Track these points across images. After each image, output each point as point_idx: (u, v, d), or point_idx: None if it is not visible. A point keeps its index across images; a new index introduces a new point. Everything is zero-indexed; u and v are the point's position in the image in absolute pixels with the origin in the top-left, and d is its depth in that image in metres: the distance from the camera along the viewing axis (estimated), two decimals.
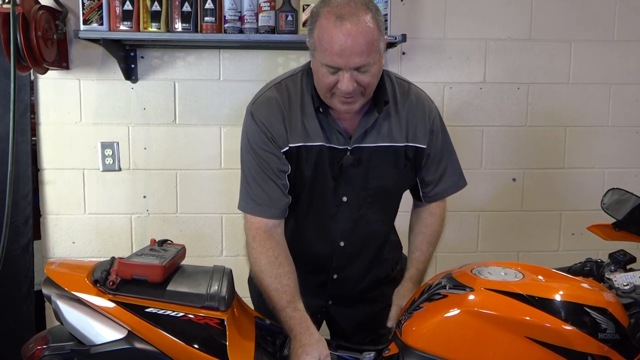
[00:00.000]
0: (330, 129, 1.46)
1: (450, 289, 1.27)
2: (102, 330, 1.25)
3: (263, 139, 1.44)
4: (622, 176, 2.61)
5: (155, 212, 2.49)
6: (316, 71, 1.39)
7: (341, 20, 1.28)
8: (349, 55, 1.29)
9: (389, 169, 1.51)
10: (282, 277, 1.40)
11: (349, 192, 1.51)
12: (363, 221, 1.55)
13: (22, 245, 2.38)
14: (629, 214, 1.44)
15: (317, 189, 1.50)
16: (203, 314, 1.27)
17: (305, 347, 1.29)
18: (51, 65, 2.24)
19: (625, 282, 1.29)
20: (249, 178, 1.48)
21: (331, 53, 1.30)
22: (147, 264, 1.29)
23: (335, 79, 1.33)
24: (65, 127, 2.41)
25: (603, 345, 1.17)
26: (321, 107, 1.44)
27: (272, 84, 1.51)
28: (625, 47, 2.56)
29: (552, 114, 2.57)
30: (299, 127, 1.45)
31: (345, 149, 1.46)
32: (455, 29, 2.49)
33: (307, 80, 1.48)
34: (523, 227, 2.63)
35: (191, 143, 2.47)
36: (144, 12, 2.20)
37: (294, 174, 1.48)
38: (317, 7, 1.36)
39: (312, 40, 1.36)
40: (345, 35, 1.27)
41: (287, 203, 1.48)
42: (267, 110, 1.46)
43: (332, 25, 1.29)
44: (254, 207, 1.46)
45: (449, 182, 1.62)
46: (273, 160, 1.44)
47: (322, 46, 1.31)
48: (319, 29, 1.32)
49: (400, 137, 1.50)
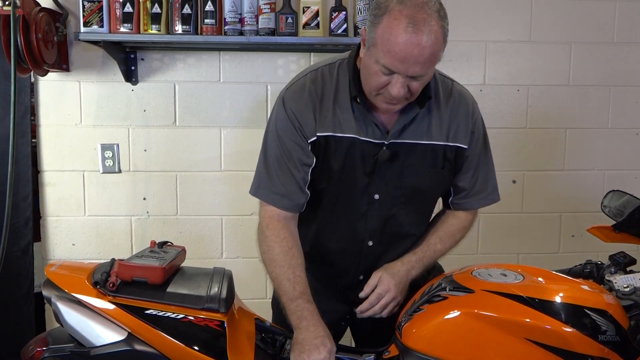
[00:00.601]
0: (366, 120, 1.40)
1: (451, 291, 1.27)
2: (102, 332, 1.25)
3: (290, 127, 1.40)
4: (622, 178, 2.61)
5: (155, 214, 2.49)
6: (368, 66, 1.30)
7: (413, 27, 1.20)
8: (410, 64, 1.23)
9: (425, 169, 1.45)
10: (295, 268, 1.37)
11: (381, 189, 1.45)
12: (393, 221, 1.49)
13: (22, 247, 2.38)
14: (629, 216, 1.44)
15: (345, 184, 1.44)
16: (203, 315, 1.27)
17: (322, 339, 1.26)
18: (51, 67, 2.24)
19: (626, 284, 1.29)
20: (268, 164, 1.44)
21: (393, 57, 1.23)
22: (147, 265, 1.29)
23: (387, 80, 1.27)
24: (66, 129, 2.42)
25: (603, 347, 1.17)
26: (358, 97, 1.38)
27: (308, 70, 1.47)
28: (625, 49, 2.56)
29: (552, 116, 2.57)
30: (330, 116, 1.40)
31: (381, 143, 1.40)
32: (455, 31, 2.45)
33: (345, 69, 1.42)
34: (523, 229, 2.63)
35: (191, 145, 2.47)
36: (144, 14, 2.20)
37: (321, 165, 1.43)
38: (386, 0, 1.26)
39: (373, 35, 1.26)
40: (414, 45, 1.20)
41: (304, 198, 1.44)
42: (298, 98, 1.41)
43: (402, 30, 1.20)
44: (268, 195, 1.44)
45: (482, 193, 1.54)
46: (297, 150, 1.41)
47: (385, 46, 1.23)
48: (385, 27, 1.23)
49: (439, 136, 1.43)
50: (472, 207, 1.58)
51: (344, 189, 1.46)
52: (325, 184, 1.46)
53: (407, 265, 1.46)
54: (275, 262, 1.39)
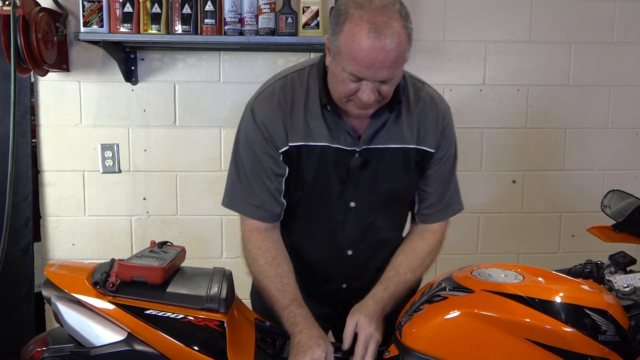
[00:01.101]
0: (337, 128, 1.38)
1: (451, 291, 1.27)
2: (102, 332, 1.25)
3: (260, 138, 1.38)
4: (622, 178, 2.61)
5: (155, 214, 2.49)
6: (336, 75, 1.28)
7: (375, 32, 1.18)
8: (377, 69, 1.21)
9: (398, 172, 1.43)
10: (282, 276, 1.37)
11: (357, 196, 1.43)
12: (372, 228, 1.48)
13: (22, 247, 2.38)
14: (629, 216, 1.44)
15: (320, 193, 1.43)
16: (203, 315, 1.27)
17: (316, 339, 1.26)
18: (51, 67, 2.24)
19: (626, 284, 1.29)
20: (240, 175, 1.42)
21: (359, 64, 1.21)
22: (147, 265, 1.29)
23: (356, 87, 1.26)
24: (66, 129, 2.42)
25: (603, 347, 1.17)
26: (329, 105, 1.35)
27: (277, 77, 1.44)
28: (625, 49, 2.56)
29: (552, 116, 2.57)
30: (301, 125, 1.37)
31: (353, 151, 1.38)
32: (455, 31, 2.49)
33: (314, 75, 1.40)
34: (523, 229, 2.63)
35: (191, 145, 2.47)
36: (144, 14, 2.20)
37: (295, 176, 1.42)
38: (346, 5, 1.23)
39: (336, 43, 1.24)
40: (378, 50, 1.18)
41: (280, 208, 1.43)
42: (267, 107, 1.38)
43: (364, 36, 1.18)
44: (243, 207, 1.42)
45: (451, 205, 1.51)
46: (268, 160, 1.39)
47: (349, 54, 1.21)
48: (347, 35, 1.21)
49: (410, 139, 1.41)
50: (438, 220, 1.52)
51: (319, 198, 1.44)
52: (300, 193, 1.44)
53: (380, 302, 1.38)
54: (262, 274, 1.39)
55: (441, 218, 1.53)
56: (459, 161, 1.58)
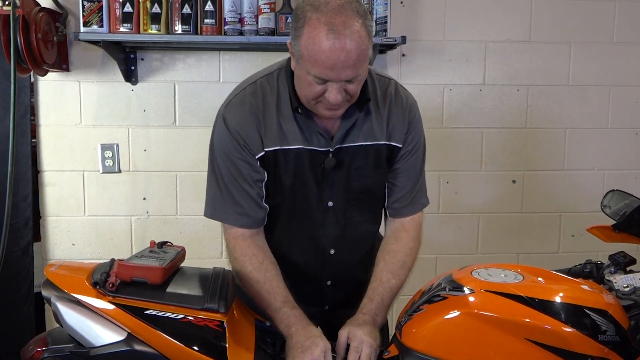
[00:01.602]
0: (310, 130, 1.39)
1: (450, 291, 1.27)
2: (102, 332, 1.24)
3: (235, 145, 1.38)
4: (622, 178, 2.62)
5: (155, 214, 2.49)
6: (301, 78, 1.30)
7: (334, 33, 1.19)
8: (340, 69, 1.22)
9: (370, 169, 1.45)
10: (271, 280, 1.38)
11: (333, 196, 1.45)
12: (350, 225, 1.50)
13: (22, 247, 2.38)
14: (629, 216, 1.44)
15: (299, 196, 1.44)
16: (203, 316, 1.26)
17: (313, 339, 1.27)
18: (51, 67, 2.24)
19: (626, 284, 1.29)
20: (220, 184, 1.42)
21: (321, 66, 1.22)
22: (146, 266, 1.29)
23: (323, 89, 1.27)
24: (65, 129, 2.42)
25: (603, 347, 1.17)
26: (300, 108, 1.36)
27: (246, 83, 1.43)
28: (625, 49, 2.56)
29: (551, 116, 2.57)
30: (275, 129, 1.38)
31: (327, 151, 1.40)
32: (455, 31, 2.49)
33: (284, 79, 1.40)
34: (523, 229, 2.63)
35: (191, 145, 2.47)
36: (144, 14, 2.20)
37: (273, 180, 1.42)
38: (303, 9, 1.25)
39: (298, 48, 1.26)
40: (339, 51, 1.19)
41: (263, 213, 1.44)
42: (239, 114, 1.38)
43: (323, 38, 1.20)
44: (226, 216, 1.42)
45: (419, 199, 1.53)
46: (246, 167, 1.39)
47: (311, 57, 1.22)
48: (307, 39, 1.22)
49: (381, 135, 1.43)
50: (408, 214, 1.53)
51: (298, 201, 1.45)
52: (280, 197, 1.45)
53: (370, 313, 1.38)
54: (251, 280, 1.39)
55: (410, 212, 1.53)
56: (459, 161, 1.59)
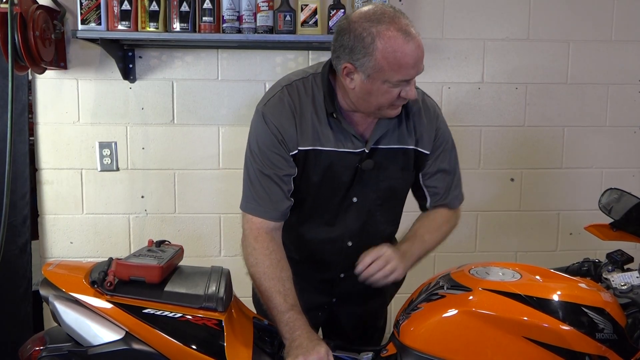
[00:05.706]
0: (344, 133, 1.45)
1: (448, 290, 1.27)
2: (100, 331, 1.25)
3: (273, 141, 1.43)
4: (620, 176, 2.62)
5: (153, 212, 2.49)
6: (372, 91, 1.36)
7: (408, 36, 1.29)
8: (418, 65, 1.33)
9: (399, 172, 1.52)
10: (285, 280, 1.39)
11: (360, 193, 1.51)
12: (371, 221, 1.55)
13: (19, 246, 2.38)
14: (626, 214, 1.45)
15: (325, 193, 1.50)
16: (201, 314, 1.27)
17: (317, 341, 1.28)
18: (49, 65, 2.24)
19: (623, 282, 1.29)
20: (252, 178, 1.46)
21: (407, 68, 1.31)
22: (144, 264, 1.29)
23: (399, 91, 1.35)
24: (63, 127, 2.41)
25: (601, 345, 1.17)
26: (335, 113, 1.43)
27: (283, 83, 1.50)
28: (623, 47, 2.56)
29: (550, 114, 2.57)
30: (310, 130, 1.44)
31: (362, 152, 1.46)
32: (454, 29, 2.49)
33: (318, 84, 1.47)
34: (521, 227, 2.63)
35: (189, 143, 2.47)
36: (142, 11, 2.19)
37: (300, 178, 1.47)
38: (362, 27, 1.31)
39: (371, 64, 1.31)
40: (417, 47, 1.31)
41: (289, 207, 1.48)
42: (279, 112, 1.44)
43: (402, 42, 1.29)
44: (256, 208, 1.46)
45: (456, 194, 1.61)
46: (281, 162, 1.44)
47: (395, 64, 1.30)
48: (386, 50, 1.29)
49: (410, 140, 1.51)
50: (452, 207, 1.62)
51: (322, 198, 1.51)
52: (305, 194, 1.51)
53: (403, 248, 1.48)
54: (265, 275, 1.40)
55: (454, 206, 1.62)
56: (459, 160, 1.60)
